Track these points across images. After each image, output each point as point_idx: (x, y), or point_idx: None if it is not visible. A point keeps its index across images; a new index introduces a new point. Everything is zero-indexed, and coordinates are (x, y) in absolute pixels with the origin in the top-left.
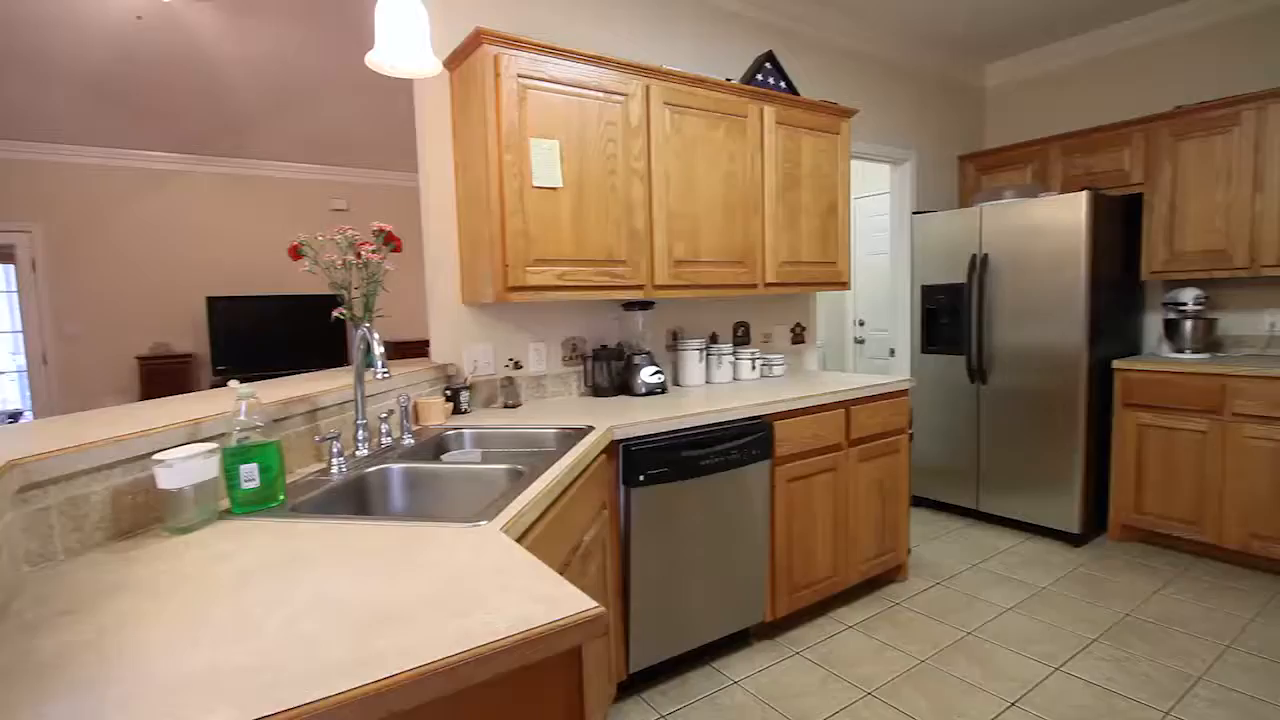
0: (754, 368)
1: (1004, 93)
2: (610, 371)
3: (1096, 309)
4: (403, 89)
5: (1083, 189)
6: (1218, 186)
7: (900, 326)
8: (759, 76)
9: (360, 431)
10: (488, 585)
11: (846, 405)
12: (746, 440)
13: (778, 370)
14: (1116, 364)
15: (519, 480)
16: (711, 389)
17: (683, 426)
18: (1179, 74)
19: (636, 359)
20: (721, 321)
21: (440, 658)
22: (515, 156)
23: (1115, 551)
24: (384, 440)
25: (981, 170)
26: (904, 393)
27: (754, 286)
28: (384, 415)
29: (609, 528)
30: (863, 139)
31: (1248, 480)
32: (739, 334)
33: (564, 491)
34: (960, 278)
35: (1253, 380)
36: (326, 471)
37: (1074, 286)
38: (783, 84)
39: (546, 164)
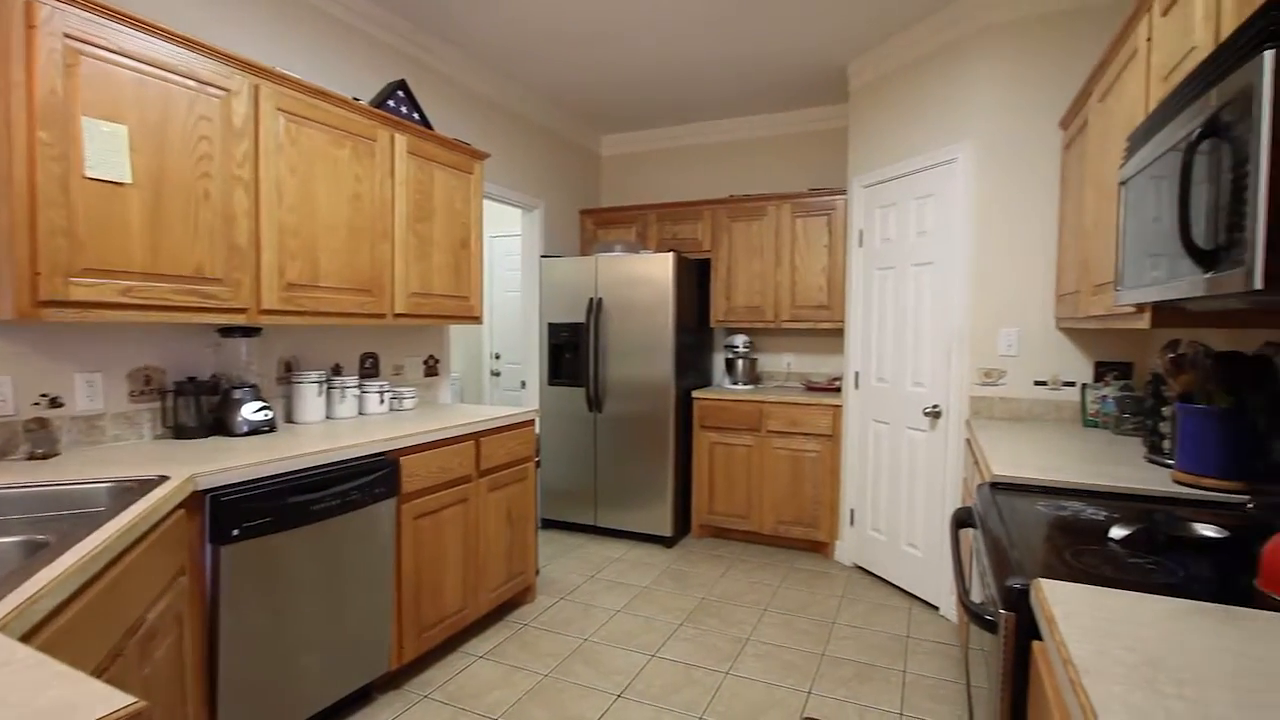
0: (383, 401)
1: (615, 161)
2: (200, 409)
3: (681, 348)
4: None
5: (671, 250)
6: (755, 259)
7: (531, 360)
8: (390, 103)
9: None
10: None
11: (476, 437)
12: (370, 479)
13: (409, 404)
14: (695, 394)
15: (39, 555)
16: (332, 425)
17: (291, 469)
18: (736, 169)
19: (237, 393)
20: (346, 352)
21: None
22: (57, 135)
23: (697, 547)
24: None
25: (598, 225)
26: (530, 423)
27: (383, 316)
28: None
29: (189, 597)
30: (497, 182)
31: (775, 481)
32: (366, 366)
33: (115, 561)
34: (581, 317)
35: (777, 405)
36: None
37: (664, 329)
38: (416, 115)
39: (108, 152)
